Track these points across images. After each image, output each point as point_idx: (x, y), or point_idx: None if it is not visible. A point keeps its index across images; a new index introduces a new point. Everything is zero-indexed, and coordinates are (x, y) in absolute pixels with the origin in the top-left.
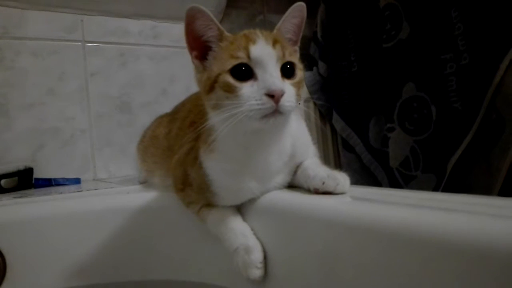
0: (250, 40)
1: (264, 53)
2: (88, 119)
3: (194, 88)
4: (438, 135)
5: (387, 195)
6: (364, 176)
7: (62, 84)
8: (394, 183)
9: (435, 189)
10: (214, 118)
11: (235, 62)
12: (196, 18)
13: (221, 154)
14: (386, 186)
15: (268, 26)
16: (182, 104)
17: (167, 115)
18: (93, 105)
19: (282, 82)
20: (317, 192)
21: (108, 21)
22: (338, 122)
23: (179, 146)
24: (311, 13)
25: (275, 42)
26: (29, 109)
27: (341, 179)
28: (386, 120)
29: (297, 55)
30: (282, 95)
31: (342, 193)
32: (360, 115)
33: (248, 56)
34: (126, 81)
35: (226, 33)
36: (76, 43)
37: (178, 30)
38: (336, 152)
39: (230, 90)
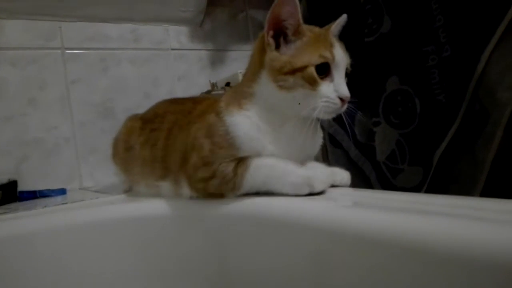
0: (331, 42)
1: (342, 58)
2: (71, 128)
3: (178, 90)
4: (423, 128)
5: (375, 198)
6: (352, 171)
7: (43, 93)
8: (381, 177)
9: (422, 181)
10: (271, 92)
11: (322, 60)
12: (286, 4)
13: (254, 112)
14: (373, 180)
15: (251, 22)
16: (160, 114)
17: (132, 120)
18: (75, 113)
19: None
20: None
21: (86, 26)
22: None
23: (178, 151)
24: None
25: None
26: (10, 120)
27: (343, 173)
28: (371, 114)
29: None
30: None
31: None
32: (345, 110)
33: (333, 58)
34: (108, 87)
35: (304, 26)
36: (55, 51)
37: (158, 32)
38: (324, 148)
39: (311, 82)
